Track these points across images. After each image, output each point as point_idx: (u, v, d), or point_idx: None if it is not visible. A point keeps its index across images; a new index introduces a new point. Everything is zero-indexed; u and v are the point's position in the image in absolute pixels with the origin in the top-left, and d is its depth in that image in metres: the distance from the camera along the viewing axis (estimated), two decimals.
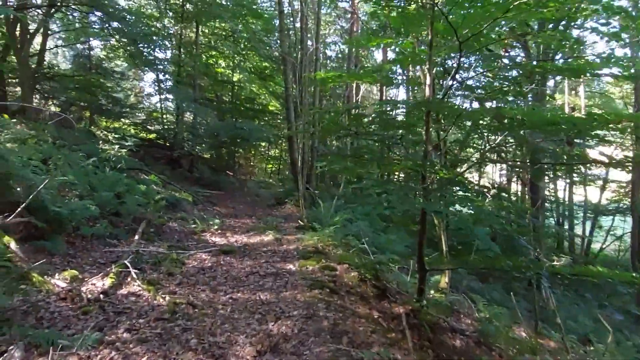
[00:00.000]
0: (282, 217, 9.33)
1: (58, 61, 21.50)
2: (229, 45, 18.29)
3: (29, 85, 14.22)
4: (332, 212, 7.99)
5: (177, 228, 7.36)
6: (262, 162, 26.61)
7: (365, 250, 6.56)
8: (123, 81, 21.50)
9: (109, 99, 17.58)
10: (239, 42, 18.67)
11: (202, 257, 5.88)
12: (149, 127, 16.38)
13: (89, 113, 18.14)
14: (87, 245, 5.74)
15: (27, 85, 13.70)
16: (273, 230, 7.61)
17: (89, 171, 7.22)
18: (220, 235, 7.28)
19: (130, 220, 6.78)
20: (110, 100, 17.77)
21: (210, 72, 19.25)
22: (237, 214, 9.68)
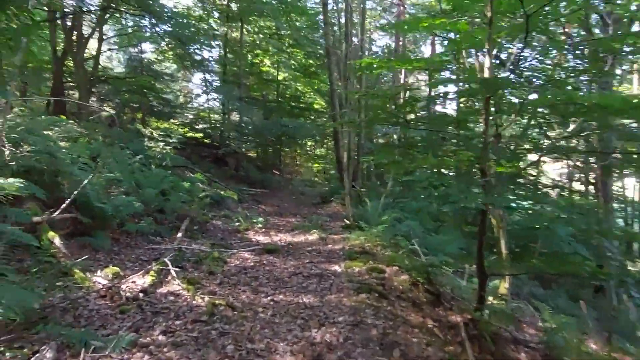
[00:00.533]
0: (328, 216, 9.04)
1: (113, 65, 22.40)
2: (273, 43, 18.25)
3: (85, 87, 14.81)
4: (379, 211, 7.60)
5: (221, 226, 7.24)
6: (308, 161, 26.48)
7: (415, 252, 6.15)
8: (173, 82, 22.14)
9: (159, 100, 18.11)
10: (284, 40, 18.61)
11: (245, 256, 5.68)
12: (196, 126, 16.57)
13: (140, 114, 18.75)
14: (131, 242, 5.70)
15: (83, 88, 14.23)
16: (318, 229, 7.33)
17: (135, 168, 7.25)
18: (264, 234, 7.08)
19: (174, 218, 6.73)
20: (161, 101, 18.31)
21: (255, 70, 19.33)
22: (281, 212, 9.49)
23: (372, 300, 3.90)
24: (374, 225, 7.27)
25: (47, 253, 4.31)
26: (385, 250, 5.89)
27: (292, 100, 19.83)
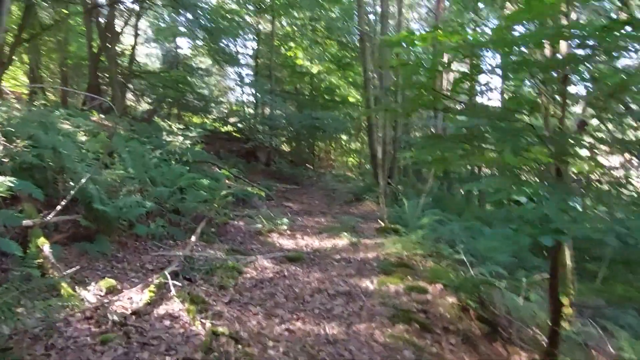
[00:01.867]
0: (360, 216, 8.16)
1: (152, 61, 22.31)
2: (307, 35, 17.44)
3: (117, 82, 14.54)
4: (418, 212, 6.65)
5: (242, 227, 6.52)
6: (343, 155, 25.58)
7: (461, 262, 5.20)
8: (207, 77, 21.81)
9: (194, 95, 17.79)
10: (317, 32, 17.77)
11: (264, 264, 4.92)
12: (227, 120, 16.02)
13: (176, 109, 18.52)
14: (139, 246, 5.07)
15: (115, 83, 13.94)
16: (349, 232, 6.48)
17: (151, 164, 6.63)
18: (289, 237, 6.31)
19: (190, 219, 6.06)
20: (196, 96, 17.99)
21: (288, 63, 18.62)
22: (310, 211, 8.70)
23: (412, 335, 3.04)
24: (412, 229, 6.35)
25: (33, 263, 3.67)
26: (426, 261, 4.97)
27: (326, 93, 18.95)
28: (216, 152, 11.65)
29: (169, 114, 18.66)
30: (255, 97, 15.54)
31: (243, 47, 18.55)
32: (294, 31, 17.91)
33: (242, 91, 18.30)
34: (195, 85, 18.47)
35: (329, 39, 17.62)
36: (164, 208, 5.87)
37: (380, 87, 8.87)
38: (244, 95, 19.06)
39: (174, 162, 7.24)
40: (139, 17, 16.20)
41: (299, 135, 14.61)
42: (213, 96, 19.97)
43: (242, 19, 17.01)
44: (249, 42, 18.42)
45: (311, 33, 17.25)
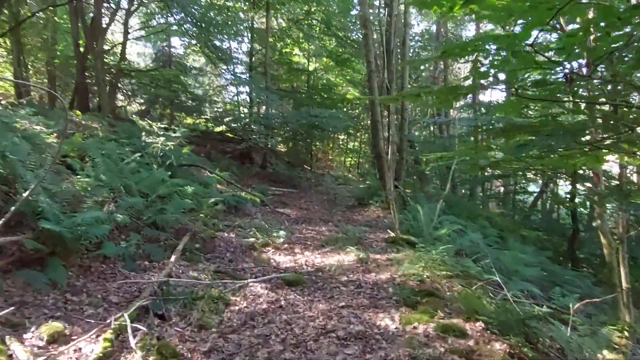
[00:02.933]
0: (366, 224, 7.26)
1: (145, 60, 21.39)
2: (303, 30, 16.50)
3: (105, 81, 13.58)
4: (435, 220, 5.73)
5: (233, 241, 5.59)
6: (341, 156, 24.64)
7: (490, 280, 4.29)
8: (201, 77, 20.90)
9: (187, 95, 16.93)
10: (314, 27, 16.83)
11: (257, 291, 4.00)
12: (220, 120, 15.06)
13: (168, 109, 17.65)
14: (106, 271, 4.13)
15: (102, 81, 12.99)
16: (355, 245, 5.57)
17: (128, 170, 5.69)
18: (287, 252, 5.39)
19: (172, 233, 5.14)
20: (189, 95, 17.12)
21: (284, 60, 17.70)
22: (310, 219, 7.78)
23: None
24: (428, 240, 5.45)
25: None
26: (453, 283, 4.05)
27: (323, 91, 18.00)
28: (207, 154, 10.72)
29: (162, 115, 17.77)
30: (249, 96, 14.61)
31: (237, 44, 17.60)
32: (290, 26, 16.94)
33: (236, 90, 17.34)
34: (189, 85, 17.60)
35: (326, 34, 16.69)
36: (140, 221, 4.94)
37: (386, 74, 7.91)
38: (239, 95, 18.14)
39: (156, 166, 6.30)
40: (129, 13, 15.27)
41: (296, 135, 13.67)
42: (207, 96, 19.06)
43: (236, 14, 16.06)
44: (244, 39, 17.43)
45: (308, 28, 16.28)
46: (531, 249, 6.84)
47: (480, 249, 5.58)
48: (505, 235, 7.53)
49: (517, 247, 6.62)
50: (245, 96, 16.65)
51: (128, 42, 16.56)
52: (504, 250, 6.10)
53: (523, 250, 6.59)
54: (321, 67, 20.09)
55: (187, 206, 5.62)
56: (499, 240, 6.74)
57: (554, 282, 5.87)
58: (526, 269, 5.65)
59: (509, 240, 7.12)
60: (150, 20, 17.04)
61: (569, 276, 6.38)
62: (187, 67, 18.38)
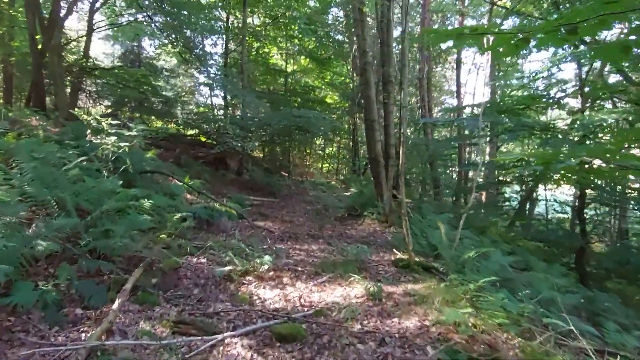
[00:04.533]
0: (363, 241, 6.05)
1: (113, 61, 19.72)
2: (281, 28, 15.27)
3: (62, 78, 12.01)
4: (457, 241, 4.55)
5: (204, 269, 4.26)
6: (318, 162, 23.44)
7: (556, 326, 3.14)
8: (173, 78, 19.42)
9: (158, 97, 15.43)
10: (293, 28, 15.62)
11: (236, 352, 2.70)
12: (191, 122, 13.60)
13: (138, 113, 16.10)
14: (13, 327, 2.78)
15: (59, 79, 11.41)
16: (359, 270, 4.34)
17: (67, 178, 4.29)
18: (273, 283, 4.10)
19: (121, 263, 3.77)
20: (160, 98, 15.62)
21: (261, 59, 16.43)
22: (296, 234, 6.50)
23: None
24: (452, 266, 4.28)
25: None
26: (511, 337, 2.86)
27: (302, 94, 16.76)
28: (176, 159, 9.30)
29: (131, 118, 16.18)
30: (224, 96, 13.24)
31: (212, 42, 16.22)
32: (268, 24, 15.66)
33: (210, 91, 15.92)
34: (159, 87, 16.10)
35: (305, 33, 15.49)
36: (77, 248, 3.57)
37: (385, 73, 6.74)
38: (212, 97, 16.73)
39: (107, 173, 4.90)
40: (93, 9, 13.70)
41: (274, 139, 12.37)
42: (178, 97, 17.55)
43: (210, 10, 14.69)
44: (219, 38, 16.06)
45: (285, 26, 15.05)
46: (558, 268, 5.79)
47: (510, 274, 4.46)
48: (517, 250, 6.48)
49: (541, 266, 5.56)
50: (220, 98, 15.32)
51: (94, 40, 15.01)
52: (532, 272, 5.01)
53: (548, 269, 5.54)
54: (299, 69, 18.93)
55: (145, 225, 4.26)
56: (521, 259, 5.66)
57: (592, 310, 4.82)
58: (563, 296, 4.56)
59: (529, 257, 6.06)
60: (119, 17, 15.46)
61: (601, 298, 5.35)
62: (158, 68, 16.93)
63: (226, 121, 10.88)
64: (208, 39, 15.95)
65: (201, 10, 13.63)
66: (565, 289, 4.96)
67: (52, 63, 10.92)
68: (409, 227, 4.43)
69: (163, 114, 15.61)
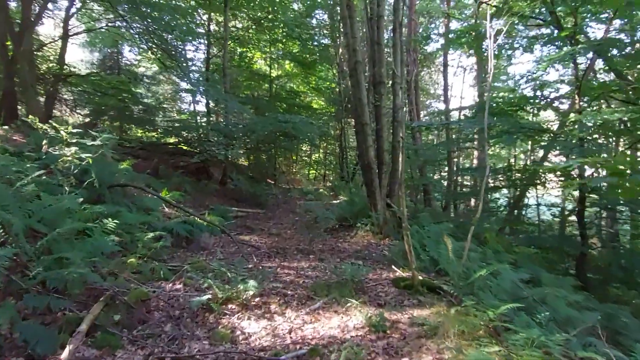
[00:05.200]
0: (357, 255, 5.54)
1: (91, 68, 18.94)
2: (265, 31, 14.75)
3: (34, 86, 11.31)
4: (465, 256, 4.04)
5: (179, 298, 3.68)
6: (305, 168, 22.89)
7: None
8: (154, 86, 18.75)
9: (138, 105, 14.73)
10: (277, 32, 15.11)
11: None
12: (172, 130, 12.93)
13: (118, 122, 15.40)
14: None
15: (31, 86, 10.73)
16: (356, 293, 3.82)
17: (17, 196, 3.67)
18: (259, 313, 3.55)
19: (78, 297, 3.17)
20: (141, 106, 14.91)
21: (244, 64, 15.89)
22: (285, 249, 5.95)
23: None
24: (459, 285, 3.78)
25: None
26: None
27: (288, 99, 16.23)
28: (154, 170, 8.67)
29: (111, 127, 15.46)
30: (207, 102, 12.65)
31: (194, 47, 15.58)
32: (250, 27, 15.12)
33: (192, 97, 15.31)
34: (140, 94, 15.41)
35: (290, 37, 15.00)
36: (24, 281, 2.96)
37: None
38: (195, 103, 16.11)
39: (68, 188, 4.29)
40: (69, 13, 13.04)
41: (259, 146, 11.81)
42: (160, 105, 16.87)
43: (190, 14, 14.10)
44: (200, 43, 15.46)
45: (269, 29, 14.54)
46: (568, 280, 5.35)
47: (523, 293, 3.99)
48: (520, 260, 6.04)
49: (550, 279, 5.11)
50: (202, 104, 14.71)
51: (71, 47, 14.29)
52: (543, 287, 4.55)
53: (558, 282, 5.09)
54: (284, 74, 18.44)
55: (109, 248, 3.68)
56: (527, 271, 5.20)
57: (611, 327, 4.37)
58: (580, 314, 4.11)
59: (533, 267, 5.61)
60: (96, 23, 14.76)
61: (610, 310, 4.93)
62: (138, 75, 16.26)
63: (208, 127, 10.28)
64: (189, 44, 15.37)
65: (183, 15, 13.06)
66: (579, 304, 4.52)
67: (22, 70, 10.26)
68: (410, 242, 3.93)
69: (144, 123, 14.92)
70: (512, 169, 9.24)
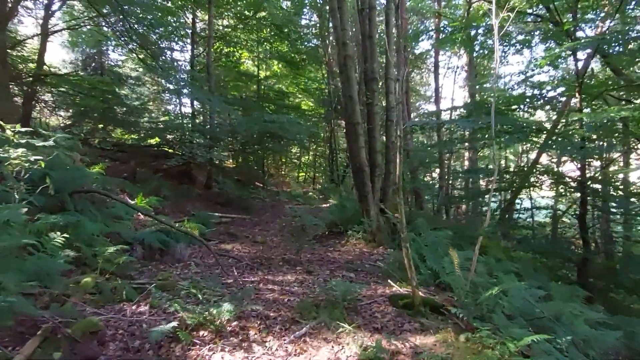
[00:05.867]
0: (349, 266, 5.00)
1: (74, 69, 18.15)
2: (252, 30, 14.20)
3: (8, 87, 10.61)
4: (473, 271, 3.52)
5: (143, 323, 3.10)
6: (294, 171, 22.29)
7: None
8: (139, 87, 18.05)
9: (122, 107, 14.04)
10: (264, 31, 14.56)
11: None
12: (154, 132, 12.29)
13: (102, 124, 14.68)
14: None
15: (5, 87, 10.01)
16: (347, 313, 3.28)
17: None
18: (235, 341, 3.00)
19: (10, 332, 2.57)
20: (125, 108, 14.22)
21: (231, 64, 15.29)
22: (269, 260, 5.39)
23: None
24: (466, 304, 3.26)
25: None
26: None
27: (277, 98, 15.65)
28: (132, 173, 8.04)
29: (94, 129, 14.76)
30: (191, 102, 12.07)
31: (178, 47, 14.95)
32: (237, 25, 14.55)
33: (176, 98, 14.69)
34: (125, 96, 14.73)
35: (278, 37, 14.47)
36: None
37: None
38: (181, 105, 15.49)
39: (19, 195, 3.68)
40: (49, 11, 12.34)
41: (245, 148, 11.22)
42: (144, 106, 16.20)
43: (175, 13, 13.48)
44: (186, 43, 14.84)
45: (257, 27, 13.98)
46: (579, 292, 4.87)
47: (538, 311, 3.49)
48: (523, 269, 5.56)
49: (561, 292, 4.64)
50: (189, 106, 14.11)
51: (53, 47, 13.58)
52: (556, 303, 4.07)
53: (566, 293, 4.62)
54: (272, 75, 17.90)
55: (58, 267, 3.10)
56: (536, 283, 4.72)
57: (633, 347, 3.90)
58: (599, 333, 3.62)
59: (538, 277, 5.15)
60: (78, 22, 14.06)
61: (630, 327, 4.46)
62: (122, 76, 15.57)
63: (190, 127, 9.68)
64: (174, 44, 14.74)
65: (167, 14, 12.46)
66: (596, 321, 4.04)
67: None
68: (410, 255, 3.40)
69: (128, 125, 14.23)
70: (522, 169, 8.80)
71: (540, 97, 7.94)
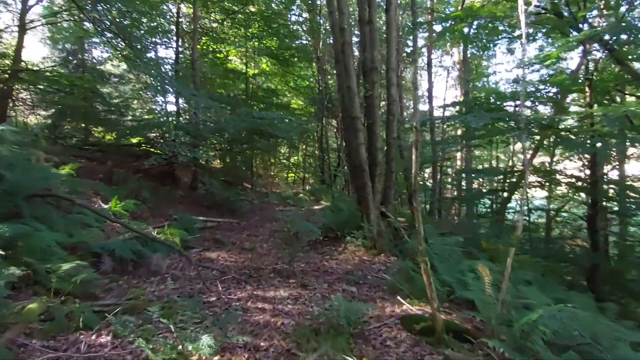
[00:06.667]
0: (348, 278, 4.38)
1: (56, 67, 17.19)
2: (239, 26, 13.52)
3: None
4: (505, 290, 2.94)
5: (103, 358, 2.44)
6: (283, 171, 21.58)
7: None
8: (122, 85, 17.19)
9: (105, 106, 13.27)
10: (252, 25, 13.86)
11: None
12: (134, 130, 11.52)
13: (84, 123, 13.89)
14: None
15: None
16: (354, 342, 2.67)
17: None
18: None
19: None
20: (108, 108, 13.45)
21: (218, 61, 14.57)
22: (259, 271, 4.75)
23: None
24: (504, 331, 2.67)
25: None
26: None
27: (265, 98, 14.96)
28: (108, 175, 7.31)
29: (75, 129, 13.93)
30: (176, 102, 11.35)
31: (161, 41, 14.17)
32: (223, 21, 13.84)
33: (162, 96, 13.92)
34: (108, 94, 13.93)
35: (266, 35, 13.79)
36: None
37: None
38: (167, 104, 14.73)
39: None
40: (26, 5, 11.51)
41: (232, 147, 10.54)
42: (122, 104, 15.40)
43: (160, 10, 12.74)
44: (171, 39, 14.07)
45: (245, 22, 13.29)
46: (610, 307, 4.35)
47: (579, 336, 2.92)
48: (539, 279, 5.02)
49: (589, 305, 4.10)
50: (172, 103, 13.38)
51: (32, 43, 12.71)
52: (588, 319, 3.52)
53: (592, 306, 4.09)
54: (261, 72, 17.23)
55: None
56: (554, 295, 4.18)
57: None
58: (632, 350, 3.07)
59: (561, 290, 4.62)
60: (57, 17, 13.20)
61: None
62: (105, 73, 14.75)
63: (172, 125, 8.97)
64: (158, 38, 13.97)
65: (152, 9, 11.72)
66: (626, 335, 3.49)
67: None
68: (428, 271, 2.80)
69: (111, 123, 13.43)
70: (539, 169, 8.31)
71: (545, 92, 7.48)
